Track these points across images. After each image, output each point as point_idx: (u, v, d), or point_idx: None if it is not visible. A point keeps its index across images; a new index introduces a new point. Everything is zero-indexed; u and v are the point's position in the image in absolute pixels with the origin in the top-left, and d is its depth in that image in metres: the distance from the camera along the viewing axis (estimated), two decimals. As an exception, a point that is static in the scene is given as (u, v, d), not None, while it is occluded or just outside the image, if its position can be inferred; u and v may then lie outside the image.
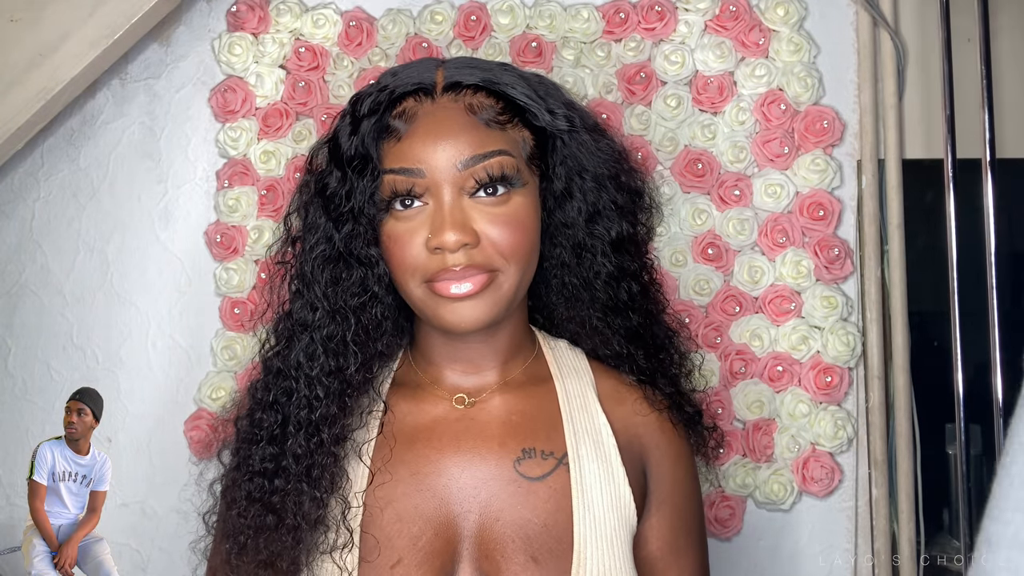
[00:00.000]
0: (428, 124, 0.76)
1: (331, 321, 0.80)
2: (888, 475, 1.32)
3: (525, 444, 0.80)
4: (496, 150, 0.76)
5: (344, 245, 0.79)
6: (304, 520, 0.77)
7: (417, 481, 0.79)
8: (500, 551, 0.77)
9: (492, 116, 0.77)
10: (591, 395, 0.85)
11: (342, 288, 0.80)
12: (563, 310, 0.88)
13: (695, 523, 0.87)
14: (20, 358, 1.39)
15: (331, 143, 0.80)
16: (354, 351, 0.80)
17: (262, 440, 0.80)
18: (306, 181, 0.83)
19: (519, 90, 0.79)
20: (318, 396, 0.79)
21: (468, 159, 0.75)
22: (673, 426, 0.86)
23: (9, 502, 1.38)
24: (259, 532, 0.78)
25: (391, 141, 0.77)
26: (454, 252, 0.74)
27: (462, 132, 0.75)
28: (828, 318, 1.34)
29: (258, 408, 0.82)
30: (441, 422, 0.82)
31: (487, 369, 0.84)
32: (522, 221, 0.77)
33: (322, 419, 0.79)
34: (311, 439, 0.79)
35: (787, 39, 1.37)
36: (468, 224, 0.75)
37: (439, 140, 0.75)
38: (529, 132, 0.80)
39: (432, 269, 0.75)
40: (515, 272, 0.77)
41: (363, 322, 0.81)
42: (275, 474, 0.79)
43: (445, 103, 0.77)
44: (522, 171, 0.78)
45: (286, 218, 0.85)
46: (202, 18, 1.40)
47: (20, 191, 1.39)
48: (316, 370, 0.79)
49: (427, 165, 0.75)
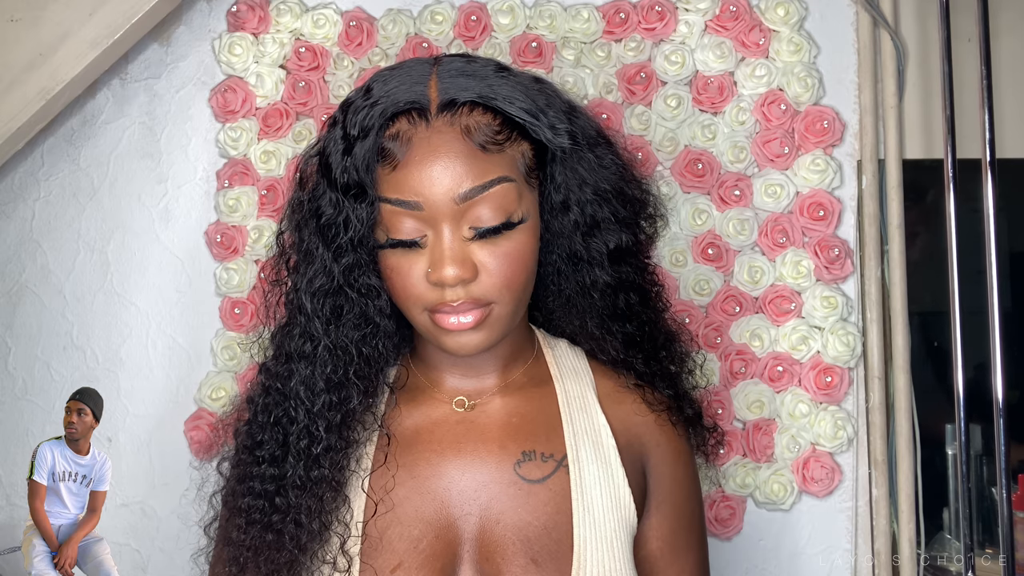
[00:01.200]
0: (424, 153, 0.73)
1: (332, 357, 0.79)
2: (888, 475, 1.32)
3: (525, 446, 0.80)
4: (495, 179, 0.73)
5: (344, 278, 0.77)
6: (301, 551, 0.77)
7: (418, 484, 0.79)
8: (500, 553, 0.76)
9: (490, 137, 0.74)
10: (591, 396, 0.84)
11: (343, 323, 0.79)
12: (560, 315, 0.88)
13: (695, 522, 0.87)
14: (20, 358, 1.38)
15: (321, 158, 0.77)
16: (356, 383, 0.79)
17: (264, 462, 0.80)
18: (299, 200, 0.80)
19: (517, 105, 0.75)
20: (319, 428, 0.78)
21: (467, 191, 0.72)
22: (673, 425, 0.86)
23: (9, 502, 1.38)
24: (259, 552, 0.78)
25: (387, 168, 0.74)
26: (453, 287, 0.73)
27: (459, 162, 0.73)
28: (828, 318, 1.34)
29: (258, 428, 0.81)
30: (441, 425, 0.82)
31: (487, 373, 0.84)
32: (521, 255, 0.76)
33: (324, 451, 0.78)
34: (311, 471, 0.78)
35: (787, 39, 1.37)
36: (468, 259, 0.73)
37: (435, 172, 0.72)
38: (528, 143, 0.77)
39: (432, 301, 0.74)
40: (511, 301, 0.76)
41: (365, 354, 0.80)
42: (276, 494, 0.79)
43: (440, 127, 0.73)
44: (522, 195, 0.76)
45: (279, 236, 0.83)
46: (202, 18, 1.40)
47: (20, 191, 1.39)
48: (318, 405, 0.78)
49: (424, 198, 0.73)
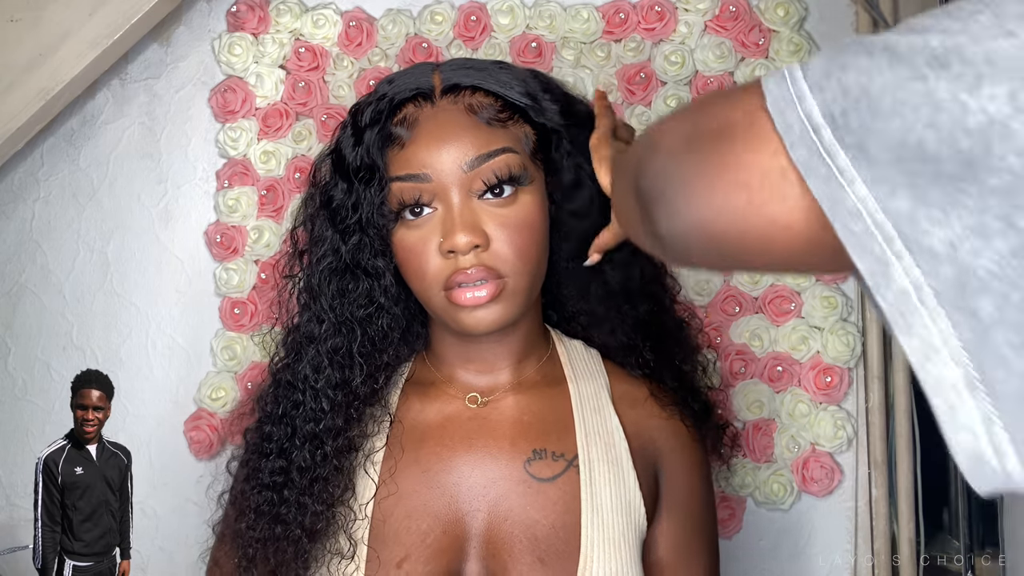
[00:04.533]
0: (430, 128, 0.76)
1: (337, 333, 0.80)
2: (888, 475, 1.32)
3: (536, 445, 0.80)
4: (500, 148, 0.76)
5: (351, 257, 0.79)
6: (305, 533, 0.77)
7: (428, 478, 0.79)
8: (507, 551, 0.77)
9: (493, 114, 0.77)
10: (605, 397, 0.84)
11: (348, 300, 0.80)
12: (573, 301, 0.88)
13: (707, 529, 0.86)
14: (20, 358, 1.38)
15: (334, 154, 0.80)
16: (360, 363, 0.80)
17: (272, 453, 0.81)
18: (311, 194, 0.83)
19: (515, 89, 0.79)
20: (323, 408, 0.79)
21: (473, 159, 0.75)
22: (688, 430, 0.86)
23: (9, 502, 1.38)
24: (267, 543, 0.78)
25: (395, 149, 0.77)
26: (466, 254, 0.74)
27: (464, 133, 0.75)
28: (828, 318, 1.34)
29: (268, 421, 0.82)
30: (453, 420, 0.82)
31: (500, 369, 0.84)
32: (530, 222, 0.77)
33: (326, 431, 0.79)
34: (315, 452, 0.79)
35: (787, 39, 1.37)
36: (478, 225, 0.75)
37: (442, 143, 0.75)
38: (531, 128, 0.80)
39: (447, 273, 0.75)
40: (524, 274, 0.77)
41: (369, 334, 0.81)
42: (284, 486, 0.79)
43: (445, 106, 0.77)
44: (527, 167, 0.78)
45: (292, 232, 0.85)
46: (202, 18, 1.40)
47: (20, 191, 1.39)
48: (321, 382, 0.80)
49: (432, 170, 0.75)
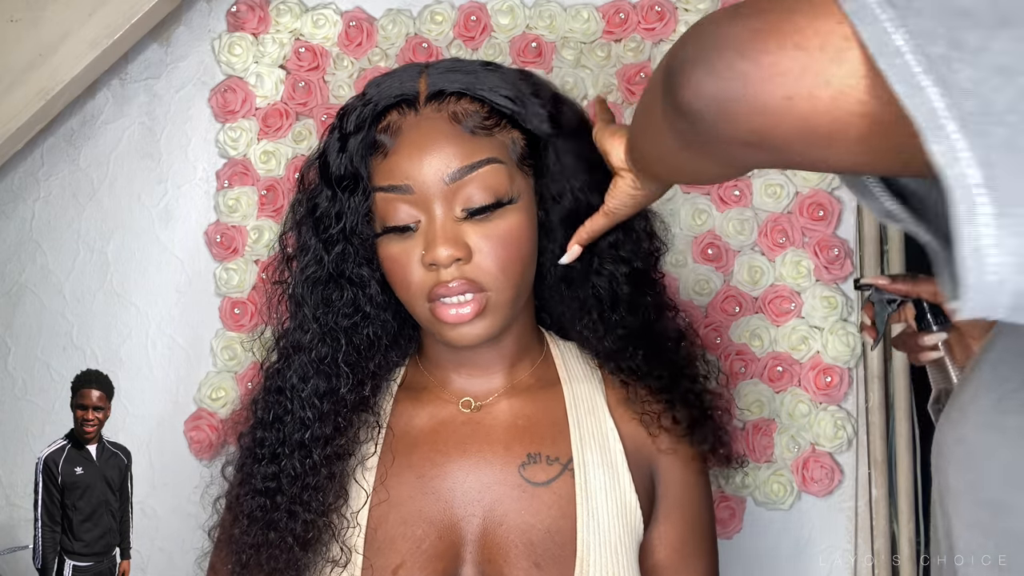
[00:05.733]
0: (413, 138, 0.75)
1: (322, 343, 0.80)
2: (888, 475, 1.32)
3: (531, 449, 0.80)
4: (483, 159, 0.75)
5: (335, 266, 0.79)
6: (297, 541, 0.77)
7: (422, 484, 0.79)
8: (503, 556, 0.76)
9: (478, 123, 0.75)
10: (600, 400, 0.84)
11: (333, 310, 0.80)
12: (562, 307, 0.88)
13: (705, 531, 0.86)
14: (20, 358, 1.38)
15: (321, 160, 0.80)
16: (346, 372, 0.80)
17: (264, 459, 0.81)
18: (298, 199, 0.83)
19: (502, 94, 0.77)
20: (310, 417, 0.79)
21: (456, 171, 0.74)
22: (683, 431, 0.86)
23: (9, 502, 1.38)
24: (260, 549, 0.78)
25: (379, 157, 0.76)
26: (448, 267, 0.73)
27: (447, 144, 0.74)
28: (828, 318, 1.34)
29: (259, 426, 0.82)
30: (447, 425, 0.82)
31: (494, 373, 0.84)
32: (515, 235, 0.76)
33: (314, 440, 0.79)
34: (304, 460, 0.79)
35: (787, 39, 1.36)
36: (460, 238, 0.74)
37: (424, 154, 0.74)
38: (519, 132, 0.78)
39: (429, 284, 0.75)
40: (508, 288, 0.76)
41: (355, 343, 0.80)
42: (276, 492, 0.79)
43: (428, 114, 0.75)
44: (513, 177, 0.77)
45: (281, 237, 0.85)
46: (202, 18, 1.40)
47: (20, 191, 1.39)
48: (307, 391, 0.79)
49: (414, 181, 0.74)
